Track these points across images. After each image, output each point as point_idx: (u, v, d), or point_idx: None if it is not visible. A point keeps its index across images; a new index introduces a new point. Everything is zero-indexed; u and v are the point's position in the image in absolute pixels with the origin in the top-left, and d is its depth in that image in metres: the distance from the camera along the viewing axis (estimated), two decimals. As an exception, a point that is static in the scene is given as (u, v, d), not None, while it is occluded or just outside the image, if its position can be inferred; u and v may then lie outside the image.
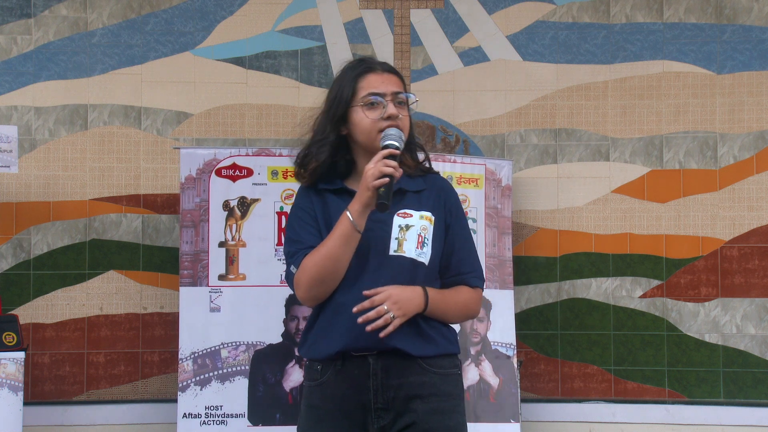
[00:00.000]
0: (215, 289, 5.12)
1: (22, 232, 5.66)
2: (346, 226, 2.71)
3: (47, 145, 5.71)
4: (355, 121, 2.82)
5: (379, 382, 2.75)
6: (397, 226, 2.78)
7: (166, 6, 5.83)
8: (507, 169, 5.44)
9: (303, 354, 2.88)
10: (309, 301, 2.80)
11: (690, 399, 5.68)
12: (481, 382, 5.25)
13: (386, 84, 2.82)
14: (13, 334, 4.97)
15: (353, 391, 2.76)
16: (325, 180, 2.87)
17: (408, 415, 2.75)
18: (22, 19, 5.73)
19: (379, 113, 2.79)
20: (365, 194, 2.69)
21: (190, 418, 5.06)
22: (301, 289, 2.77)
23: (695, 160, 5.76)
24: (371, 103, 2.80)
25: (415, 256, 2.78)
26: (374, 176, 2.66)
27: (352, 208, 2.71)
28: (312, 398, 2.83)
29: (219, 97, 5.82)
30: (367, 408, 2.76)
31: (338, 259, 2.72)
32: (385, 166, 2.66)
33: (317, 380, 2.81)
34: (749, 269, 5.67)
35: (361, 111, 2.81)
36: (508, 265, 5.39)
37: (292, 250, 2.82)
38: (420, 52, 5.91)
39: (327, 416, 2.78)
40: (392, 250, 2.77)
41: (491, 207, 5.39)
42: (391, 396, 2.75)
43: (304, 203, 2.86)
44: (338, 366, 2.78)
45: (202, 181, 5.16)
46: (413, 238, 2.77)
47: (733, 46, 5.76)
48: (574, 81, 5.85)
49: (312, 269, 2.73)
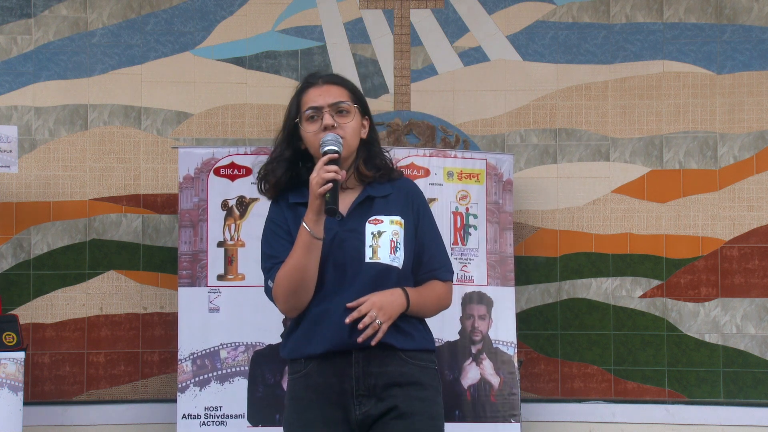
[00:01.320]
0: (214, 289, 5.12)
1: (22, 232, 5.66)
2: (305, 236, 2.83)
3: (47, 145, 5.71)
4: (303, 136, 2.96)
5: (361, 370, 2.88)
6: (369, 233, 2.90)
7: (166, 6, 5.83)
8: (508, 164, 5.41)
9: (286, 355, 3.00)
10: (289, 312, 2.94)
11: (690, 399, 5.68)
12: (482, 382, 5.24)
13: (324, 96, 2.94)
14: (13, 334, 4.97)
15: (336, 379, 2.88)
16: (294, 192, 2.99)
17: (389, 399, 2.88)
18: (22, 19, 5.74)
19: (317, 126, 2.92)
20: (315, 203, 2.80)
21: (189, 418, 5.05)
22: (279, 301, 2.93)
23: (695, 160, 5.76)
24: (311, 117, 2.93)
25: (389, 262, 2.91)
26: (318, 183, 2.78)
27: (307, 218, 2.83)
28: (296, 390, 2.94)
29: (219, 97, 5.83)
30: (349, 395, 2.88)
31: (305, 269, 2.84)
32: (326, 171, 2.78)
33: (301, 372, 2.93)
34: (749, 269, 5.67)
35: (306, 126, 2.94)
36: (509, 262, 5.36)
37: (268, 266, 2.96)
38: (420, 52, 5.91)
39: (311, 405, 2.90)
40: (368, 258, 2.89)
41: (492, 202, 5.36)
42: (372, 383, 2.88)
43: (277, 218, 3.00)
44: (321, 359, 2.90)
45: (201, 180, 5.15)
46: (386, 244, 2.90)
47: (733, 46, 5.75)
48: (574, 81, 5.85)
49: (284, 282, 2.88)
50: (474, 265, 5.29)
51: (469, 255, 5.28)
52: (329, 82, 2.99)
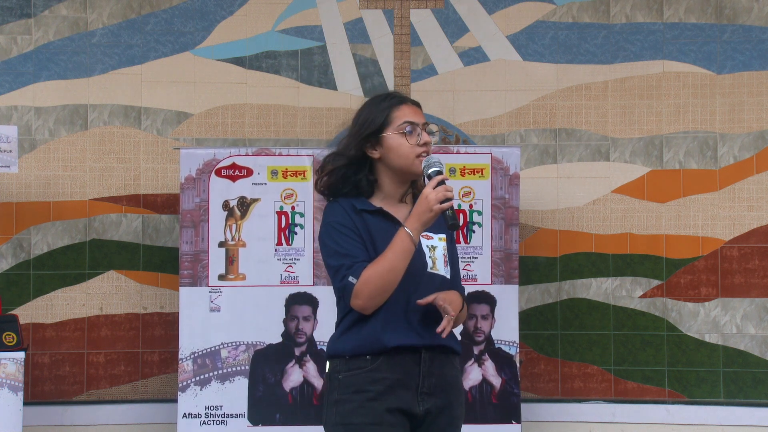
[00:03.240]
0: (215, 289, 5.13)
1: (22, 232, 5.66)
2: (408, 242, 3.03)
3: (47, 145, 5.71)
4: (392, 145, 3.14)
5: (427, 369, 3.10)
6: (425, 246, 3.14)
7: (166, 6, 5.83)
8: (515, 157, 5.32)
9: (349, 351, 3.11)
10: (369, 309, 3.07)
11: (690, 399, 5.68)
12: (483, 383, 5.24)
13: (418, 116, 3.18)
14: (13, 334, 4.97)
15: (404, 376, 3.08)
16: (357, 200, 3.17)
17: (443, 398, 3.13)
18: (22, 19, 5.73)
19: (415, 140, 3.13)
20: (427, 215, 3.02)
21: (190, 418, 5.06)
22: (362, 298, 3.05)
23: (695, 160, 5.76)
24: (408, 131, 3.14)
25: (444, 273, 3.16)
26: (438, 200, 3.00)
27: (412, 226, 3.04)
28: (359, 384, 3.09)
29: (219, 97, 5.83)
30: (413, 391, 3.09)
31: (399, 272, 3.04)
32: (446, 190, 3.01)
33: (366, 368, 3.08)
34: (749, 269, 5.67)
35: (398, 137, 3.14)
36: (514, 259, 5.31)
37: (347, 263, 3.08)
38: (420, 52, 5.91)
39: (377, 397, 3.06)
40: (429, 267, 3.13)
41: (498, 198, 5.31)
42: (433, 382, 3.11)
43: (345, 221, 3.13)
44: (390, 355, 3.08)
45: (202, 181, 5.16)
46: (440, 257, 3.17)
47: (733, 46, 5.76)
48: (574, 81, 5.85)
49: (376, 280, 3.03)
50: (477, 264, 5.28)
51: (473, 253, 5.27)
52: (416, 104, 3.21)
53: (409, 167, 3.13)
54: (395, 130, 3.14)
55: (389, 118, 3.16)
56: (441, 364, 3.14)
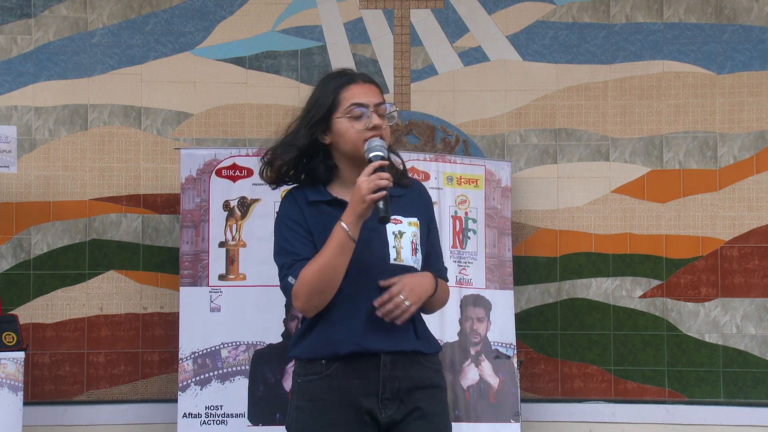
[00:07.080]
0: (215, 289, 5.13)
1: (22, 232, 5.66)
2: (342, 237, 2.79)
3: (47, 145, 5.71)
4: (340, 131, 2.91)
5: (387, 374, 2.87)
6: (391, 233, 2.91)
7: (166, 6, 5.83)
8: (506, 170, 5.46)
9: (302, 355, 2.95)
10: (309, 311, 2.88)
11: (690, 399, 5.69)
12: (480, 382, 5.25)
13: (368, 95, 2.92)
14: (13, 334, 4.97)
15: (362, 382, 2.86)
16: (311, 189, 2.95)
17: (411, 402, 2.90)
18: (22, 19, 5.73)
19: (363, 124, 2.88)
20: (360, 206, 2.77)
21: (190, 417, 5.06)
22: (301, 300, 2.85)
23: (695, 160, 5.77)
24: (356, 114, 2.90)
25: (411, 263, 2.92)
26: (370, 190, 2.74)
27: (347, 219, 2.79)
28: (314, 391, 2.89)
29: (219, 97, 5.83)
30: (374, 397, 2.87)
31: (336, 269, 2.81)
32: (380, 179, 2.75)
33: (321, 374, 2.88)
34: (749, 269, 5.68)
35: (346, 121, 2.91)
36: (508, 266, 5.40)
37: (288, 262, 2.90)
38: (420, 52, 5.91)
39: (333, 406, 2.86)
40: (392, 259, 2.90)
41: (491, 207, 5.40)
42: (396, 386, 2.88)
43: (293, 214, 2.93)
44: (347, 360, 2.87)
45: (203, 181, 5.16)
46: (408, 245, 2.91)
47: (733, 46, 5.76)
48: (574, 81, 5.85)
49: (312, 280, 2.82)
50: (473, 269, 5.32)
51: (468, 258, 5.31)
52: (369, 81, 2.98)
53: (357, 153, 2.89)
54: (343, 113, 2.91)
55: (336, 101, 2.93)
56: (405, 365, 2.90)
